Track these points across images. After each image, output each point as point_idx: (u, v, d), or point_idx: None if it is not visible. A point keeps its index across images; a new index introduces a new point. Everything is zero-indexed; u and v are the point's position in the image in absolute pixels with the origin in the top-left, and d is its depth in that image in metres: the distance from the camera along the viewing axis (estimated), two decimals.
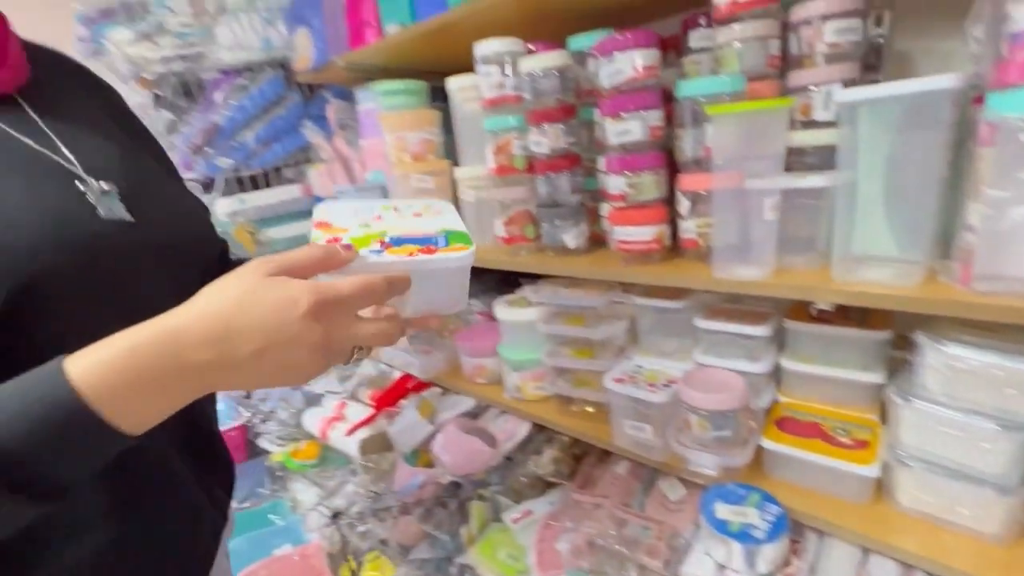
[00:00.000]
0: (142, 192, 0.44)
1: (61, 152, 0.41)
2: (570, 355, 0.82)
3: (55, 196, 0.38)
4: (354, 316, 0.36)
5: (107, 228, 0.39)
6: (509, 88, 0.80)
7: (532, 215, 0.85)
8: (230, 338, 0.31)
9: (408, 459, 0.96)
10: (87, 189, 0.40)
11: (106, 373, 0.29)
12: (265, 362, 0.32)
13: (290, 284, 0.33)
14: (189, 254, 0.48)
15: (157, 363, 0.30)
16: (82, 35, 1.21)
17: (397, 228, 0.44)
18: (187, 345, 0.31)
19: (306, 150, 1.36)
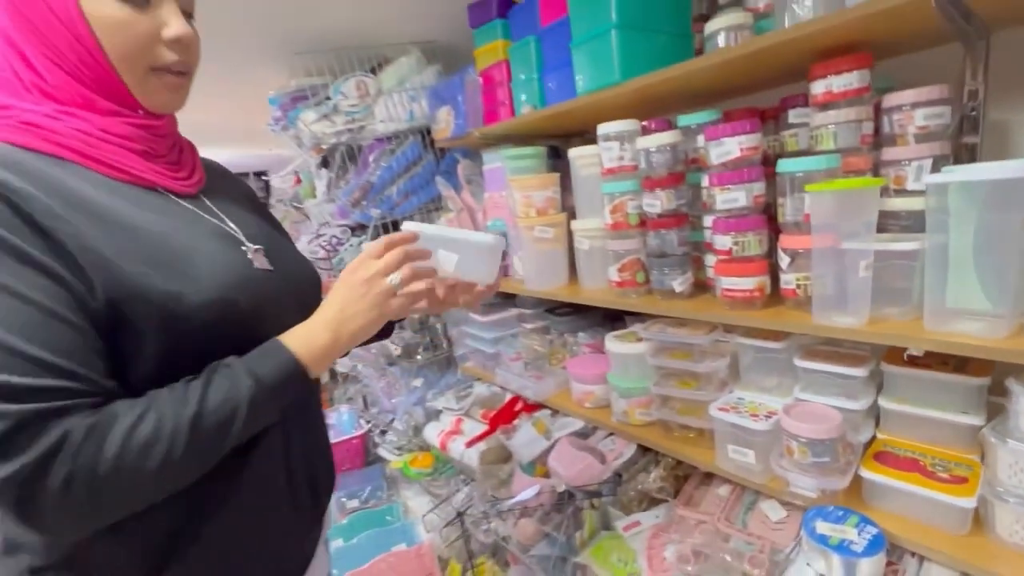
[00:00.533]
0: (274, 250, 0.63)
1: (230, 227, 0.60)
2: (675, 386, 0.94)
3: (233, 254, 0.57)
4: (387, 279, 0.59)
5: (260, 274, 0.58)
6: (627, 160, 0.96)
7: (642, 263, 0.99)
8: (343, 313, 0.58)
9: (526, 469, 1.11)
10: (247, 250, 0.59)
11: (299, 342, 0.55)
12: (353, 316, 0.57)
13: (354, 272, 0.59)
14: (304, 289, 0.66)
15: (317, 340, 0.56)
16: (277, 116, 1.56)
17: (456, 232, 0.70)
18: (322, 328, 0.57)
19: (436, 200, 1.61)
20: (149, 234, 0.50)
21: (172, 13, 0.54)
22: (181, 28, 0.54)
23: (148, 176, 0.55)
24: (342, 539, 1.73)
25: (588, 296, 1.10)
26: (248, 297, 0.54)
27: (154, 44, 0.54)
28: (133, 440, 0.45)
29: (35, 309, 0.44)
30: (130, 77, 0.54)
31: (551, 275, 1.20)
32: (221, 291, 0.52)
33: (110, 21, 0.51)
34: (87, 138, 0.52)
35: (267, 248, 0.61)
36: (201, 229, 0.56)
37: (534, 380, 1.24)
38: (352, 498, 1.86)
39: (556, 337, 1.35)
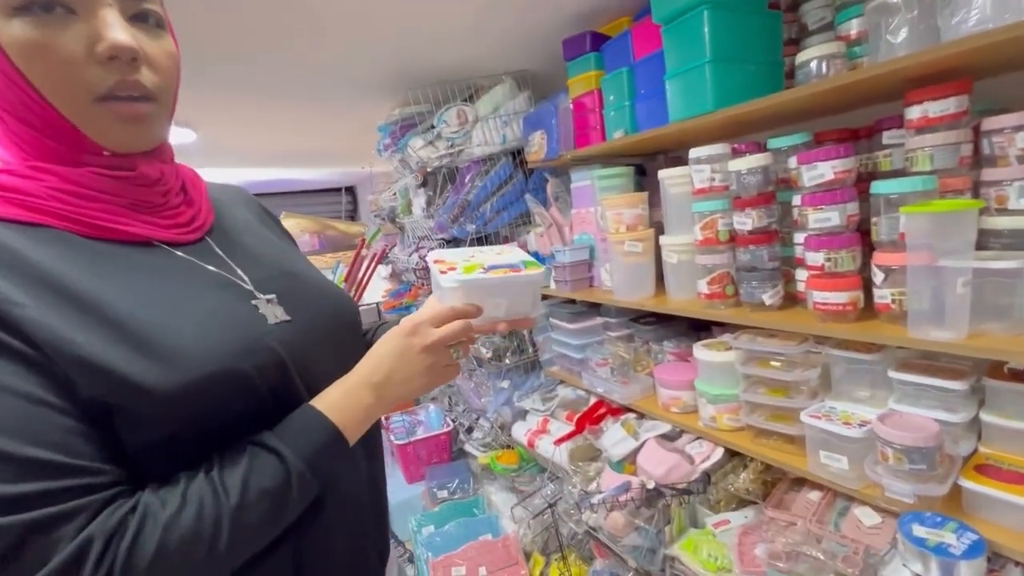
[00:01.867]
0: (294, 291, 0.56)
1: (238, 276, 0.53)
2: (765, 394, 0.99)
3: (238, 312, 0.49)
4: (448, 350, 0.56)
5: (274, 331, 0.50)
6: (717, 181, 1.03)
7: (731, 276, 1.05)
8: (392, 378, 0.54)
9: (615, 467, 1.19)
10: (258, 303, 0.51)
11: (342, 413, 0.50)
12: (402, 382, 0.53)
13: (412, 336, 0.55)
14: (337, 330, 0.59)
15: (360, 404, 0.52)
16: (387, 143, 1.76)
17: (489, 260, 0.65)
18: (367, 391, 0.53)
19: (525, 216, 1.74)
20: (132, 310, 0.43)
21: (106, 22, 0.42)
22: (116, 37, 0.42)
23: (136, 230, 0.48)
24: (433, 525, 1.89)
25: (675, 307, 1.17)
26: (261, 361, 0.47)
27: (86, 66, 0.42)
28: (169, 544, 0.39)
29: (20, 400, 0.38)
30: (72, 112, 0.43)
31: (639, 286, 1.28)
32: (223, 362, 0.45)
33: (23, 45, 0.40)
34: (64, 197, 0.44)
35: (283, 292, 0.54)
36: (201, 285, 0.49)
37: (620, 384, 1.33)
38: (442, 489, 2.02)
39: (640, 345, 1.42)
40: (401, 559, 1.91)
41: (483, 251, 0.71)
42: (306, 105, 1.87)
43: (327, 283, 0.64)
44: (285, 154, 2.80)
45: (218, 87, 1.61)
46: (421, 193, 1.91)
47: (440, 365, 0.56)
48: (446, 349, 0.56)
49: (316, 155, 3.03)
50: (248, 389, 0.47)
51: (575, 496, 1.25)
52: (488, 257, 0.67)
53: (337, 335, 0.59)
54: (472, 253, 0.69)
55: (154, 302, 0.45)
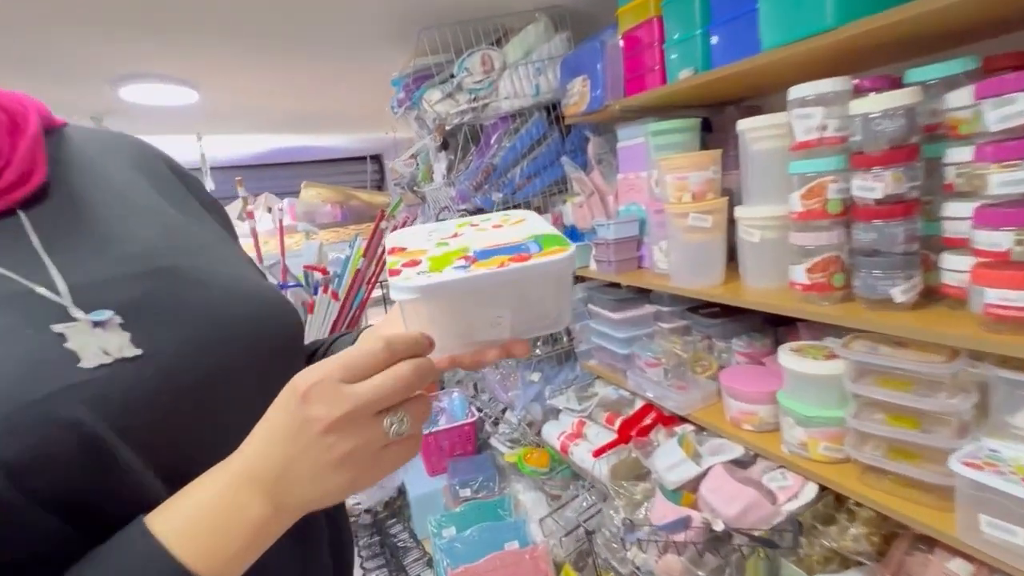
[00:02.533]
0: (167, 299, 0.34)
1: (48, 279, 0.32)
2: (887, 422, 0.73)
3: (13, 345, 0.29)
4: (378, 422, 0.30)
5: (91, 379, 0.29)
6: (831, 130, 0.75)
7: (842, 262, 0.78)
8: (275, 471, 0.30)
9: (669, 495, 0.97)
10: (68, 330, 0.30)
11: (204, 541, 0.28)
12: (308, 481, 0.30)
13: (306, 404, 0.29)
14: (237, 366, 0.37)
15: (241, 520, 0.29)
16: (400, 98, 1.52)
17: (480, 241, 0.40)
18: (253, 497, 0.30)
19: (561, 183, 1.48)
20: None
21: None
22: None
23: None
24: (455, 528, 1.73)
25: (755, 299, 0.91)
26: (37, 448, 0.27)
27: None
28: None
29: None
30: None
31: (704, 271, 1.02)
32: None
33: None
34: None
35: (138, 305, 0.33)
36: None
37: (676, 390, 1.08)
38: (464, 487, 1.85)
39: (699, 340, 1.17)
40: (420, 562, 1.76)
41: (474, 223, 0.46)
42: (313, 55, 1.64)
43: (250, 285, 0.40)
44: (298, 118, 2.60)
45: (220, 40, 1.41)
46: (442, 157, 1.67)
47: (370, 450, 0.30)
48: (376, 421, 0.31)
49: (333, 118, 2.81)
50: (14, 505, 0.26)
51: (617, 523, 1.04)
52: (479, 236, 0.42)
53: (242, 372, 0.37)
54: (454, 231, 0.44)
55: None
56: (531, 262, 0.35)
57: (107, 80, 1.78)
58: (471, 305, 0.36)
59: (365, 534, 1.91)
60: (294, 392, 0.30)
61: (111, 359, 0.30)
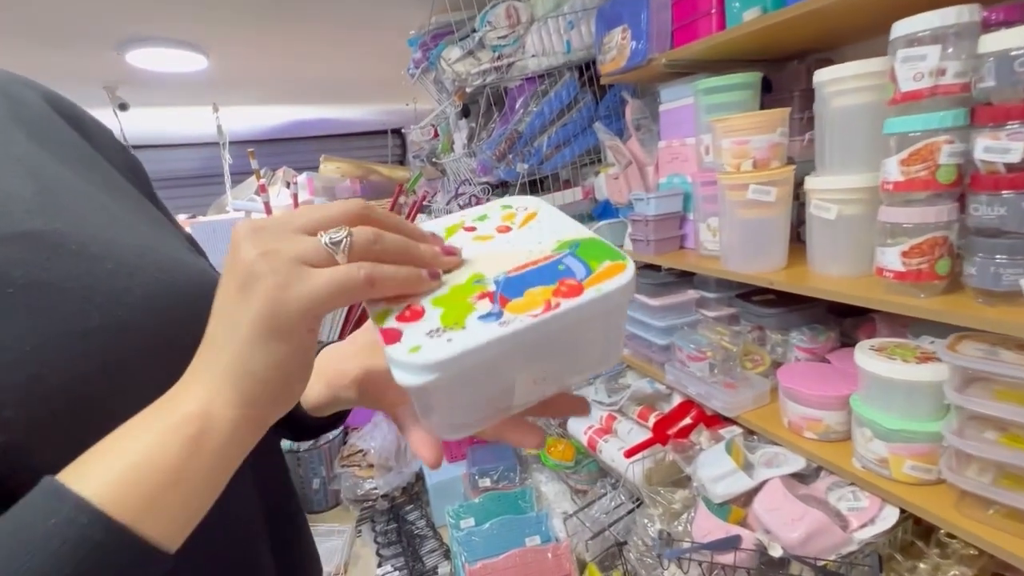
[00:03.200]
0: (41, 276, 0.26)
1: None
2: (1002, 442, 0.59)
3: None
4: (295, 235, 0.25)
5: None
6: (949, 76, 0.59)
7: (950, 244, 0.63)
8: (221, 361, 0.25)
9: (715, 510, 0.85)
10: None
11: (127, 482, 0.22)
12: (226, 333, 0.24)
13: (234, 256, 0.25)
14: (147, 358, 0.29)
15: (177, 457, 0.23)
16: (417, 58, 1.39)
17: (495, 261, 0.29)
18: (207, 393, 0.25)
19: (594, 152, 1.34)
20: None
21: None
22: None
23: None
24: (473, 519, 1.65)
25: (827, 287, 0.77)
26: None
27: None
28: None
29: None
30: None
31: (764, 252, 0.87)
32: None
33: None
34: None
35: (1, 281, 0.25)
36: None
37: (723, 388, 0.96)
38: (484, 476, 1.77)
39: (749, 330, 1.03)
40: (437, 553, 1.70)
41: (468, 224, 0.34)
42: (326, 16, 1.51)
43: (164, 259, 0.31)
44: (314, 87, 2.49)
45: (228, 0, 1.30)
46: (463, 125, 1.54)
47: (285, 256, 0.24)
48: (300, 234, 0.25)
49: (351, 88, 2.69)
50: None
51: (652, 534, 0.93)
52: (488, 250, 0.30)
53: (144, 377, 0.28)
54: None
55: None
56: (588, 295, 0.26)
57: (113, 44, 1.69)
58: (507, 368, 0.26)
59: (381, 520, 1.86)
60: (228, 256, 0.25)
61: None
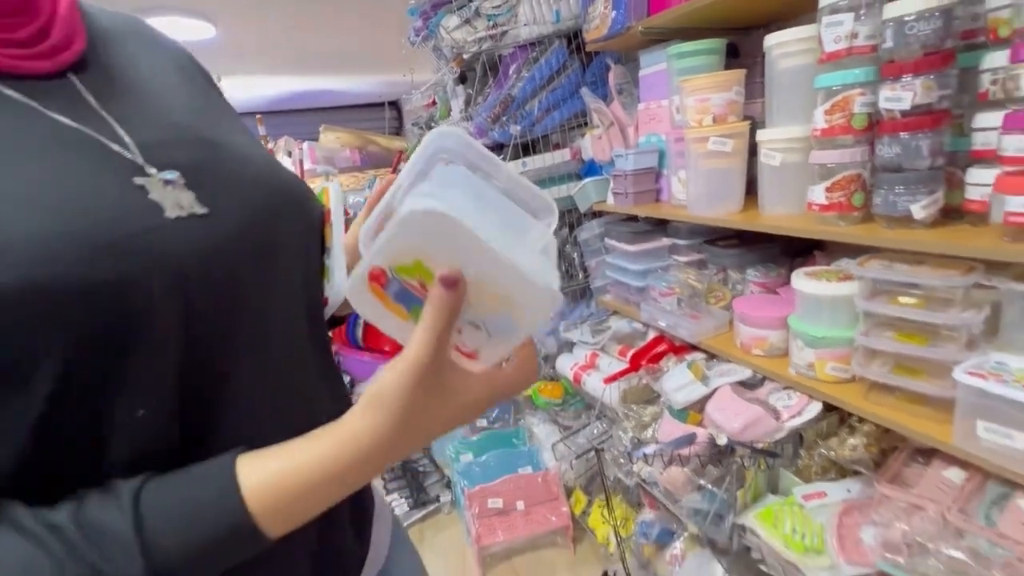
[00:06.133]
0: (217, 167, 0.35)
1: (118, 136, 0.32)
2: (896, 339, 0.74)
3: (97, 192, 0.30)
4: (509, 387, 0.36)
5: (170, 231, 0.31)
6: (861, 38, 0.72)
7: (864, 180, 0.77)
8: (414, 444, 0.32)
9: (676, 415, 1.00)
10: (147, 182, 0.31)
11: (277, 500, 0.29)
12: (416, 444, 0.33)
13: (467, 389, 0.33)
14: (281, 243, 0.38)
15: (326, 494, 0.31)
16: (417, 27, 1.49)
17: None
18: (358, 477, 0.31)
19: (581, 116, 1.45)
20: None
21: None
22: None
23: None
24: (471, 454, 1.82)
25: (772, 223, 0.90)
26: (139, 275, 0.29)
27: None
28: None
29: None
30: None
31: (723, 198, 1.01)
32: (64, 268, 0.26)
33: None
34: None
35: (195, 168, 0.34)
36: (39, 144, 0.30)
37: (689, 319, 1.10)
38: (481, 417, 1.94)
39: (716, 272, 1.17)
40: (439, 484, 1.87)
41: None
42: None
43: (273, 163, 0.41)
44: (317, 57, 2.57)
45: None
46: (460, 92, 1.65)
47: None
48: None
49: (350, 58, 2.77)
50: (120, 323, 0.28)
51: (625, 443, 1.08)
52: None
53: (289, 246, 0.39)
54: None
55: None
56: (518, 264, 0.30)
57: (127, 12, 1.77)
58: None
59: None
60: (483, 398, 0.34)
61: (186, 213, 0.32)
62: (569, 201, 1.40)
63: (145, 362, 0.30)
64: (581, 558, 1.57)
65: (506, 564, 1.60)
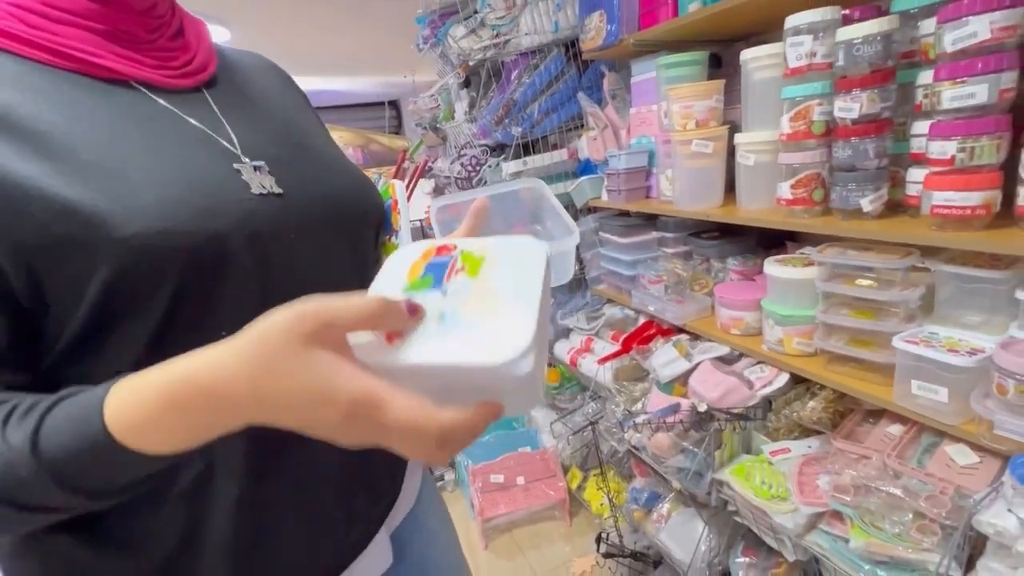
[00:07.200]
0: (296, 164, 0.46)
1: (227, 135, 0.44)
2: (849, 315, 0.86)
3: (208, 171, 0.41)
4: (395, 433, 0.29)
5: (251, 202, 0.41)
6: (819, 57, 0.83)
7: (822, 179, 0.89)
8: (266, 410, 0.29)
9: (663, 388, 1.12)
10: (242, 167, 0.42)
11: (140, 418, 0.30)
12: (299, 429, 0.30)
13: (334, 382, 0.28)
14: (339, 222, 0.48)
15: (190, 419, 0.30)
16: (426, 35, 1.60)
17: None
18: (222, 409, 0.30)
19: (577, 118, 1.57)
20: (78, 140, 0.37)
21: None
22: None
23: (111, 64, 0.41)
24: None
25: (747, 216, 1.02)
26: (231, 228, 0.39)
27: None
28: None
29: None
30: None
31: (704, 194, 1.13)
32: (187, 220, 0.37)
33: None
34: (25, 14, 0.38)
35: (278, 161, 0.45)
36: (176, 137, 0.41)
37: (674, 304, 1.22)
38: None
39: (700, 262, 1.29)
40: None
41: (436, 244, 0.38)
42: None
43: (348, 166, 0.53)
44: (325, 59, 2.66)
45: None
46: (464, 95, 1.76)
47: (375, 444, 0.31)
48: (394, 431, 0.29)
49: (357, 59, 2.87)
50: (212, 262, 0.38)
51: (618, 415, 1.20)
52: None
53: (339, 225, 0.48)
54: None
55: (113, 140, 0.38)
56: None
57: None
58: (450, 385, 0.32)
59: None
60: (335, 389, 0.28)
61: (266, 191, 0.43)
62: (566, 197, 1.51)
63: (230, 293, 0.40)
64: (577, 529, 1.69)
65: (507, 536, 1.71)
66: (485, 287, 0.33)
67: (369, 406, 0.28)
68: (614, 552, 1.40)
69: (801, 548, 0.85)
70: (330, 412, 0.28)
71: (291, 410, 0.29)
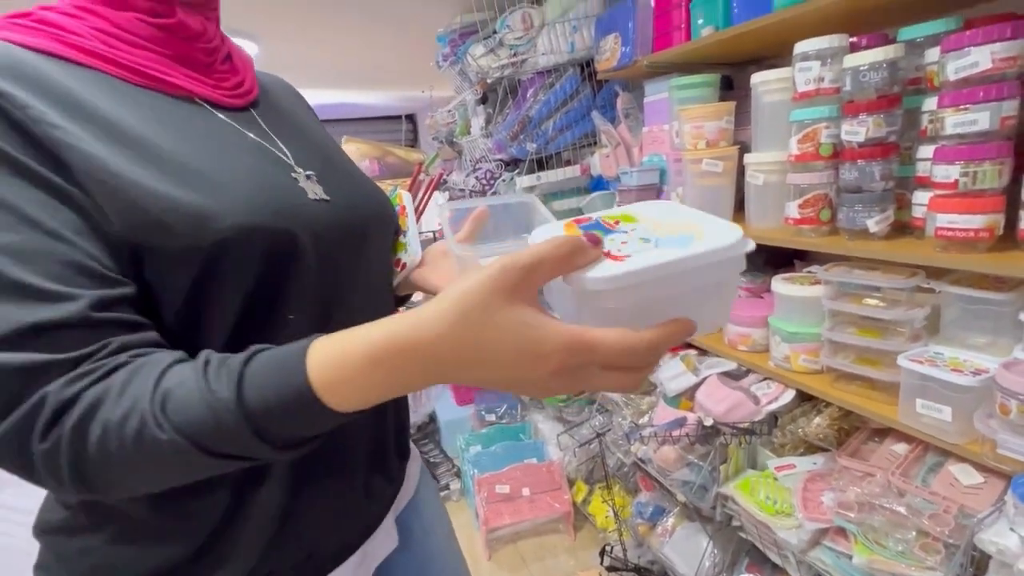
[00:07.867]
0: (333, 176, 0.52)
1: (280, 148, 0.49)
2: (855, 333, 0.87)
3: (275, 178, 0.46)
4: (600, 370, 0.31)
5: (311, 206, 0.46)
6: (827, 82, 0.86)
7: (829, 199, 0.91)
8: (468, 369, 0.31)
9: (670, 402, 1.13)
10: (298, 176, 0.48)
11: (342, 376, 0.31)
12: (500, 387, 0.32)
13: (542, 334, 0.29)
14: (369, 228, 0.54)
15: (391, 378, 0.31)
16: (446, 53, 1.65)
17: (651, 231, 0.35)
18: (426, 368, 0.31)
19: (591, 136, 1.61)
20: (174, 147, 0.41)
21: None
22: None
23: (180, 83, 0.46)
24: (480, 445, 1.95)
25: (756, 235, 1.02)
26: (300, 228, 0.43)
27: None
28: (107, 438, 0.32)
29: (34, 230, 0.35)
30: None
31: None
32: (266, 219, 0.41)
33: None
34: (109, 39, 0.43)
35: (323, 172, 0.51)
36: (242, 148, 0.46)
37: None
38: (490, 412, 2.07)
39: None
40: (448, 473, 2.00)
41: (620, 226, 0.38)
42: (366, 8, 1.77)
43: (366, 178, 0.59)
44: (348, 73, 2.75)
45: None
46: (480, 111, 1.81)
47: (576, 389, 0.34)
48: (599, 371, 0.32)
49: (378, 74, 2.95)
50: (286, 256, 0.43)
51: (624, 428, 1.21)
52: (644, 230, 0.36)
53: (369, 230, 0.53)
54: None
55: (198, 148, 0.43)
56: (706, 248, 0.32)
57: None
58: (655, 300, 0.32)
59: None
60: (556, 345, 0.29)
61: (318, 197, 0.48)
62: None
63: (295, 289, 0.45)
64: (581, 543, 1.68)
65: (511, 547, 1.72)
66: (657, 221, 0.35)
67: (584, 349, 0.29)
68: (618, 566, 1.40)
69: (805, 564, 0.86)
70: (540, 367, 0.30)
71: (497, 368, 0.30)
